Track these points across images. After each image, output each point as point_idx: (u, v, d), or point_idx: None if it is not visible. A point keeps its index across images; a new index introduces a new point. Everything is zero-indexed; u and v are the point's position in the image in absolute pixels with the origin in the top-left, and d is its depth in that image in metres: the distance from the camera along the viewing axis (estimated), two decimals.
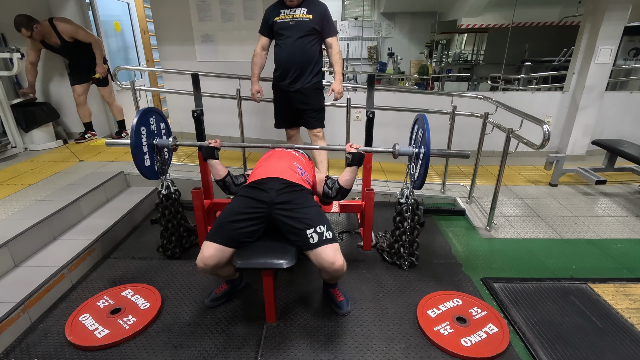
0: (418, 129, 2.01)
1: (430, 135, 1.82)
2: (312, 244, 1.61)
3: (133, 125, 1.94)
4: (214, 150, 2.02)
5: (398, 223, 2.23)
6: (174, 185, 2.30)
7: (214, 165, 2.03)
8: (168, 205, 2.29)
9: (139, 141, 2.00)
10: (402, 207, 2.18)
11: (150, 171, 2.13)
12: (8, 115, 3.59)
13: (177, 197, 2.33)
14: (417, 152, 1.99)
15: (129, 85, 3.49)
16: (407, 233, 2.19)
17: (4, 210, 2.40)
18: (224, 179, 2.02)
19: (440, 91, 6.81)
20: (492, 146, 3.79)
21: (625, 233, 2.67)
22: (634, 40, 5.32)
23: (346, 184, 1.99)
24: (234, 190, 2.04)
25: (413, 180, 2.07)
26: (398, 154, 2.03)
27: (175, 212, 2.33)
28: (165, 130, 2.25)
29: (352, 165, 1.97)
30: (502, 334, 1.70)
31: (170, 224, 2.32)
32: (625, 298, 1.98)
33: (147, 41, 5.54)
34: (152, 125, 2.11)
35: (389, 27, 8.65)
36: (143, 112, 2.01)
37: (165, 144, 2.15)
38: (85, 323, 1.78)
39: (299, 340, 1.72)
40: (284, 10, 2.61)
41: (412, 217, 2.17)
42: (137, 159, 2.00)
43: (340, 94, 2.77)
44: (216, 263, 1.64)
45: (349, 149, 1.99)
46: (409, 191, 2.16)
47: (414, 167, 2.03)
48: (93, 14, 4.31)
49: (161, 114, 2.20)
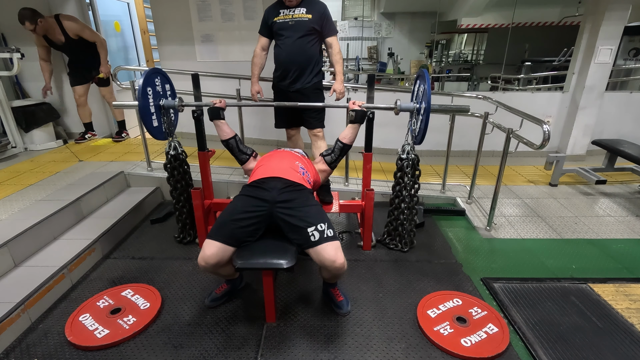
0: (420, 85, 2.07)
1: (430, 91, 1.90)
2: (313, 241, 1.62)
3: (140, 86, 1.99)
4: (220, 110, 2.12)
5: (399, 179, 2.30)
6: (180, 146, 2.39)
7: (220, 125, 2.13)
8: (176, 166, 2.39)
9: (146, 102, 2.06)
10: (402, 163, 2.25)
11: (158, 132, 2.22)
12: (8, 115, 3.60)
13: (184, 157, 2.42)
14: (418, 107, 2.06)
15: (129, 85, 3.50)
16: (407, 188, 2.26)
17: (4, 210, 2.40)
18: (228, 140, 2.13)
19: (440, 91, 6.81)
20: (492, 146, 3.78)
21: (625, 233, 2.67)
22: (634, 40, 5.33)
23: (349, 140, 2.11)
24: (236, 154, 2.14)
25: (414, 136, 2.14)
26: (400, 109, 2.11)
27: (184, 173, 2.42)
28: (171, 92, 2.32)
29: (355, 123, 2.08)
30: (502, 334, 1.70)
31: (180, 184, 2.41)
32: (625, 298, 1.98)
33: (147, 41, 5.54)
34: (158, 87, 2.17)
35: (389, 27, 8.65)
36: (149, 73, 2.06)
37: (171, 105, 2.23)
38: (85, 323, 1.78)
39: (299, 340, 1.72)
40: (283, 11, 2.61)
41: (412, 172, 2.25)
42: (145, 120, 2.07)
43: (342, 94, 2.77)
44: (217, 261, 1.64)
45: (352, 106, 2.11)
46: (410, 147, 2.22)
47: (415, 123, 2.10)
48: (93, 14, 4.32)
49: (166, 75, 2.28)
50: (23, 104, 3.77)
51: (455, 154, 3.87)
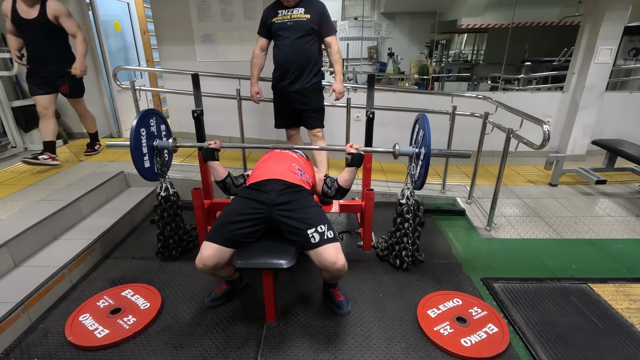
0: (419, 129, 2.00)
1: (430, 135, 1.81)
2: (313, 243, 1.61)
3: (133, 127, 1.93)
4: (214, 151, 2.02)
5: (399, 224, 2.21)
6: (172, 187, 2.29)
7: (214, 166, 2.03)
8: (167, 208, 2.28)
9: (138, 143, 1.99)
10: (402, 208, 2.16)
11: (150, 173, 2.13)
12: (8, 115, 3.60)
13: (176, 199, 2.31)
14: (417, 152, 1.98)
15: (129, 85, 3.50)
16: (409, 234, 2.18)
17: (4, 210, 2.40)
18: (224, 180, 2.03)
19: (440, 91, 6.81)
20: (492, 146, 3.78)
21: (625, 233, 2.67)
22: (634, 40, 5.33)
23: (345, 184, 2.00)
24: (233, 192, 2.05)
25: (413, 181, 2.06)
26: (398, 154, 2.02)
27: (174, 215, 2.32)
28: (166, 132, 2.24)
29: (352, 166, 1.97)
30: (502, 334, 1.70)
31: (169, 226, 2.31)
32: (625, 298, 1.98)
33: (147, 41, 5.54)
34: (152, 127, 2.11)
35: (389, 27, 8.65)
36: (143, 114, 2.00)
37: (165, 146, 2.14)
38: (85, 323, 1.78)
39: (299, 340, 1.72)
40: (282, 11, 2.60)
41: (413, 218, 2.16)
42: (136, 161, 1.99)
43: (342, 94, 2.77)
44: (215, 263, 1.64)
45: (349, 149, 1.98)
46: (410, 192, 2.15)
47: (415, 167, 2.03)
48: (93, 14, 4.31)
49: (161, 116, 2.20)
50: (23, 104, 3.77)
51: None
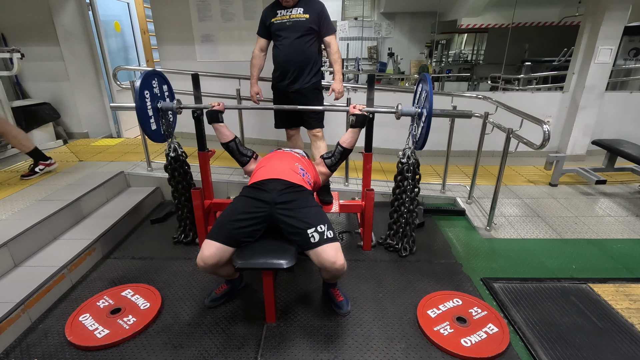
0: (422, 89, 2.04)
1: (433, 95, 1.87)
2: (313, 243, 1.61)
3: (136, 88, 1.98)
4: (218, 113, 2.10)
5: (399, 182, 2.29)
6: (180, 147, 2.37)
7: (219, 128, 2.10)
8: (177, 167, 2.36)
9: (143, 104, 2.04)
10: (403, 167, 2.24)
11: (157, 134, 2.20)
12: (8, 115, 3.59)
13: (185, 158, 2.40)
14: (419, 112, 2.03)
15: (129, 85, 3.50)
16: (407, 192, 2.26)
17: (4, 210, 2.40)
18: (228, 143, 2.11)
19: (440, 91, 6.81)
20: (492, 146, 3.78)
21: (625, 233, 2.67)
22: (634, 40, 5.33)
23: (349, 144, 2.09)
24: (237, 156, 2.13)
25: (415, 141, 2.12)
26: (401, 114, 2.09)
27: (185, 173, 2.40)
28: (169, 93, 2.30)
29: (356, 127, 2.06)
30: (502, 334, 1.70)
31: (181, 185, 2.40)
32: (625, 298, 1.98)
33: (147, 41, 5.54)
34: (155, 89, 2.15)
35: (389, 27, 8.65)
36: (146, 75, 2.04)
37: (169, 107, 2.20)
38: (85, 323, 1.78)
39: (299, 340, 1.72)
40: (281, 11, 2.60)
41: (412, 176, 2.24)
42: (143, 123, 2.04)
43: (341, 93, 2.77)
44: (216, 262, 1.64)
45: (353, 110, 2.07)
46: (411, 151, 2.21)
47: (416, 128, 2.08)
48: (93, 14, 4.32)
49: (164, 77, 2.25)
50: (23, 104, 3.77)
51: (455, 154, 3.88)
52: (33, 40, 3.85)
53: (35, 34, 3.86)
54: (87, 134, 4.35)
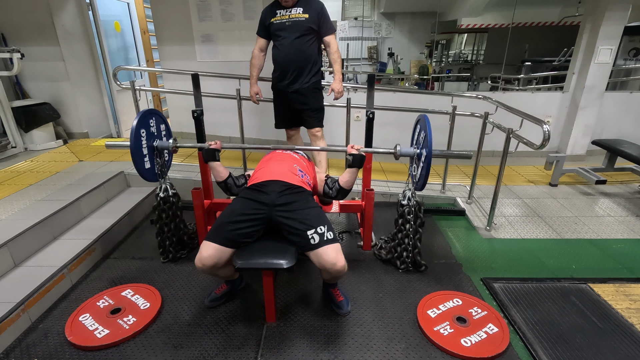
0: (420, 130, 2.00)
1: (432, 136, 1.81)
2: (313, 244, 1.61)
3: (133, 127, 1.93)
4: (215, 152, 2.02)
5: (400, 226, 2.20)
6: (172, 188, 2.28)
7: (215, 167, 2.03)
8: (165, 209, 2.26)
9: (138, 143, 1.99)
10: (404, 209, 2.16)
11: (150, 173, 2.13)
12: (8, 115, 3.60)
13: (176, 200, 2.30)
14: (418, 153, 1.98)
15: (129, 85, 3.50)
16: (410, 236, 2.17)
17: (4, 210, 2.40)
18: (225, 181, 2.03)
19: (440, 91, 6.81)
20: (492, 146, 3.79)
21: (625, 233, 2.67)
22: (634, 40, 5.32)
23: (346, 185, 2.00)
24: (235, 192, 2.05)
25: (414, 182, 2.06)
26: (400, 154, 2.01)
27: (173, 216, 2.30)
28: (166, 132, 2.24)
29: (353, 167, 1.97)
30: (502, 334, 1.70)
31: (167, 228, 2.30)
32: (625, 298, 1.98)
33: (147, 41, 5.55)
34: (152, 127, 2.10)
35: (389, 27, 8.65)
36: (143, 114, 2.00)
37: (165, 146, 2.14)
38: (85, 323, 1.78)
39: (299, 340, 1.72)
40: (280, 11, 2.60)
41: (414, 219, 2.15)
42: (137, 161, 1.98)
43: (340, 93, 2.77)
44: (214, 263, 1.64)
45: (350, 150, 1.98)
46: (411, 193, 2.14)
47: (416, 168, 2.03)
48: (93, 14, 4.32)
49: (161, 116, 2.20)
50: (23, 104, 3.77)
51: None
52: (33, 40, 3.85)
53: (35, 34, 3.86)
54: (87, 134, 4.35)
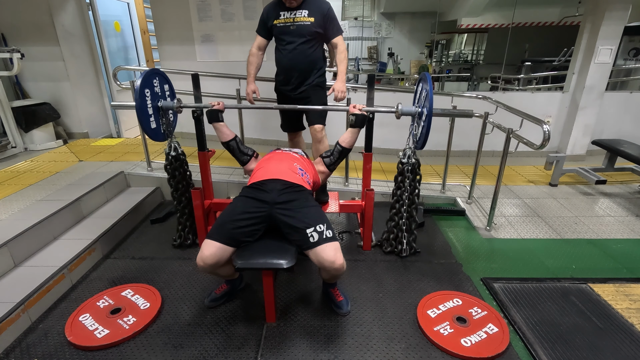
0: (422, 89, 2.04)
1: (433, 95, 1.86)
2: (312, 242, 1.62)
3: (137, 87, 1.98)
4: (218, 113, 2.11)
5: (399, 182, 2.29)
6: (180, 146, 2.37)
7: (219, 128, 2.12)
8: (177, 167, 2.36)
9: (143, 103, 2.03)
10: (403, 167, 2.24)
11: (156, 133, 2.20)
12: (8, 115, 3.60)
13: (184, 158, 2.40)
14: (420, 111, 2.02)
15: (129, 85, 3.49)
16: (408, 192, 2.25)
17: (4, 210, 2.40)
18: (229, 142, 2.12)
19: (440, 91, 6.80)
20: (492, 146, 3.79)
21: (625, 233, 2.67)
22: (634, 40, 5.32)
23: (348, 144, 2.09)
24: (237, 156, 2.14)
25: (415, 140, 2.11)
26: (401, 113, 2.08)
27: (184, 172, 2.41)
28: (170, 92, 2.30)
29: (355, 127, 2.05)
30: (502, 334, 1.70)
31: (181, 185, 2.40)
32: (625, 298, 1.98)
33: (147, 41, 5.55)
34: (156, 87, 2.15)
35: (389, 27, 8.65)
36: (147, 74, 2.04)
37: (169, 106, 2.21)
38: (85, 323, 1.78)
39: (299, 340, 1.72)
40: (284, 13, 2.49)
41: (413, 176, 2.24)
42: (142, 122, 2.04)
43: (343, 93, 2.66)
44: (216, 262, 1.64)
45: (353, 110, 2.06)
46: (411, 151, 2.21)
47: (417, 127, 2.07)
48: (93, 14, 4.32)
49: (165, 76, 2.25)
50: (23, 104, 3.77)
51: (455, 154, 3.88)
52: (33, 40, 3.85)
53: (35, 34, 3.86)
54: (87, 134, 4.36)
